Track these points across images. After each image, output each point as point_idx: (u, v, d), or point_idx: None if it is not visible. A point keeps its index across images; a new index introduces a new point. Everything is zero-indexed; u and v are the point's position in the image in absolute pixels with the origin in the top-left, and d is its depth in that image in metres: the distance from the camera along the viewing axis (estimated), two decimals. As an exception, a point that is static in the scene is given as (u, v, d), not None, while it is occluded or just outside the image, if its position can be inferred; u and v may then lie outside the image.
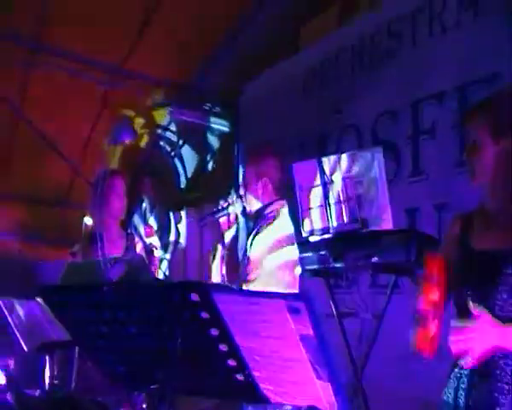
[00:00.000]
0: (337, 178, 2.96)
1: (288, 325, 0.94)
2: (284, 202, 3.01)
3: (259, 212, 3.02)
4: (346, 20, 4.47)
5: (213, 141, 5.68)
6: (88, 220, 6.22)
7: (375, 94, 3.95)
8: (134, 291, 1.07)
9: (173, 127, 5.90)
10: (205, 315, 0.99)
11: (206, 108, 5.85)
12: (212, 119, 5.79)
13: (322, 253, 2.93)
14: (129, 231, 3.22)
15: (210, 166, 5.69)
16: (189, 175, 5.88)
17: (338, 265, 2.98)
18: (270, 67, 5.03)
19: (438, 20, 3.64)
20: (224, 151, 5.47)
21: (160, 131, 5.83)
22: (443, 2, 3.58)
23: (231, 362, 1.05)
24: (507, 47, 3.09)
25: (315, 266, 2.85)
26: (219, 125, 5.83)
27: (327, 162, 3.02)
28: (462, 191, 3.38)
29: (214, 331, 1.01)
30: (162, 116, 5.67)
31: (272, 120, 4.93)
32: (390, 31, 3.98)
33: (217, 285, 2.78)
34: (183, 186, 5.88)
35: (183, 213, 5.53)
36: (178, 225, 5.49)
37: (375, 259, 2.78)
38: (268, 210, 3.00)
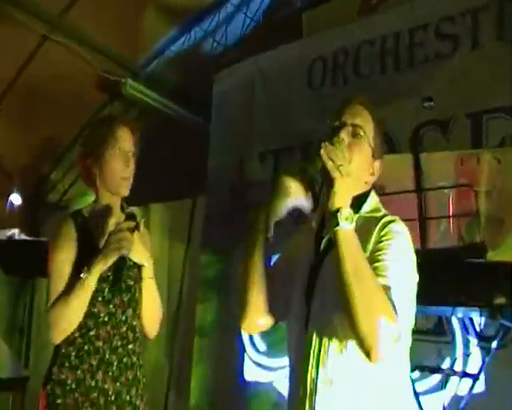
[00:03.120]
0: (443, 183, 2.23)
1: None
2: None
3: None
4: (370, 10, 3.80)
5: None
6: (16, 199, 4.86)
7: (413, 100, 3.27)
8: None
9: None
10: None
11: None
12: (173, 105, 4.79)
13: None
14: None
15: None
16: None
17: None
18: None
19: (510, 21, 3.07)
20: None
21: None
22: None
23: None
24: None
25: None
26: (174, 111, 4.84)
27: (427, 159, 2.28)
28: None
29: None
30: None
31: (258, 114, 4.08)
32: (439, 29, 3.35)
33: None
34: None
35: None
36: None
37: (500, 300, 2.04)
38: None
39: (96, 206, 2.12)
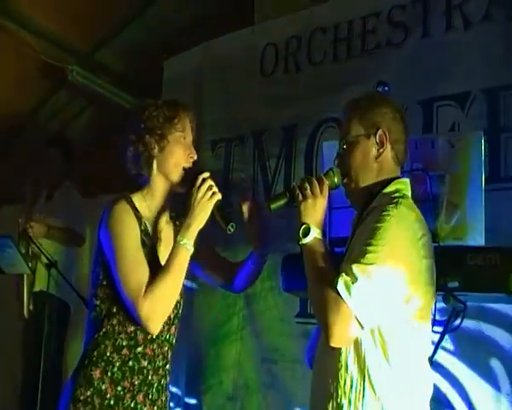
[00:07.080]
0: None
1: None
2: None
3: None
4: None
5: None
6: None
7: (365, 87, 3.26)
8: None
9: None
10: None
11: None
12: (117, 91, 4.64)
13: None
14: None
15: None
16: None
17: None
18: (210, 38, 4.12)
19: (459, 10, 3.10)
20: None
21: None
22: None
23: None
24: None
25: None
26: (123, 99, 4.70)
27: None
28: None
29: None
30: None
31: (209, 102, 4.01)
32: (391, 17, 3.36)
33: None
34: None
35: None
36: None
37: (452, 284, 2.06)
38: None
39: (148, 192, 1.85)
